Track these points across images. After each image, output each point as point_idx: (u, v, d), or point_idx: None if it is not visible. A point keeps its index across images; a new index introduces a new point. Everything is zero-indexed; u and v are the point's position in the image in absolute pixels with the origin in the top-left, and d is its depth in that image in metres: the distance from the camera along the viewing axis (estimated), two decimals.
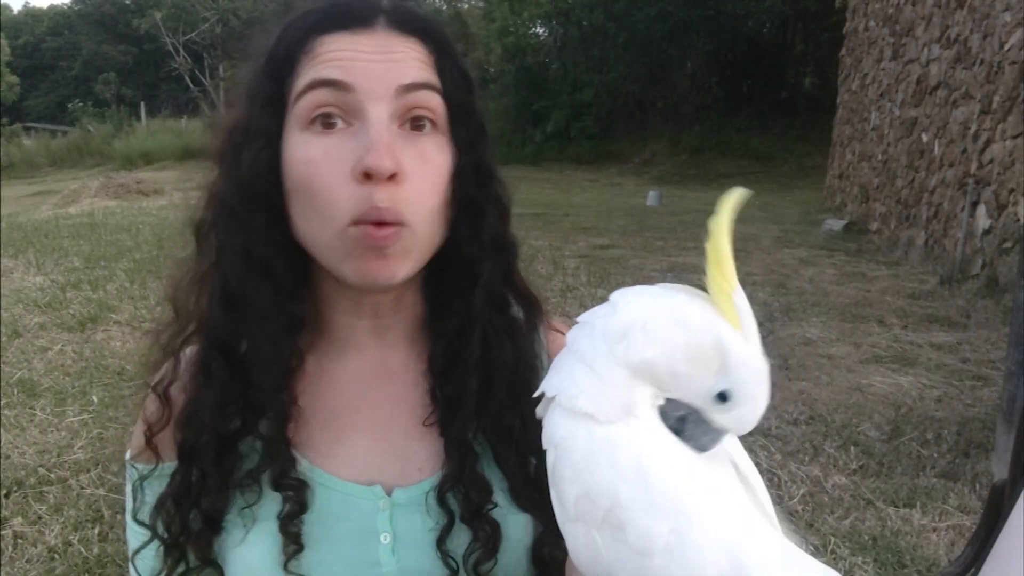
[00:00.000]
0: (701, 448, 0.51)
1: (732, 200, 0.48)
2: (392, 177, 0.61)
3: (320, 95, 0.62)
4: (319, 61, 0.63)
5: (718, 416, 0.50)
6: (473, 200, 0.67)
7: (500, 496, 0.68)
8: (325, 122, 0.62)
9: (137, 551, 0.70)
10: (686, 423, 0.51)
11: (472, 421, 0.69)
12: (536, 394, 0.53)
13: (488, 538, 0.66)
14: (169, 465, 0.68)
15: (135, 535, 0.70)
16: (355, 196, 0.61)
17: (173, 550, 0.67)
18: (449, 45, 0.68)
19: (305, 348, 0.70)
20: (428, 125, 0.65)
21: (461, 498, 0.67)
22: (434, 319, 0.72)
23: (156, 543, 0.68)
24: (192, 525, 0.66)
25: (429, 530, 0.67)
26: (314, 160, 0.62)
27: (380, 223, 0.61)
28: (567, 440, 0.50)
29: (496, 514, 0.67)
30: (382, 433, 0.71)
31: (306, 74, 0.63)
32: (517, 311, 0.73)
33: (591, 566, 0.49)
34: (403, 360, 0.73)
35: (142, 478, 0.70)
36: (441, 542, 0.67)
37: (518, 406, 0.67)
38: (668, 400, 0.51)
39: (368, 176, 0.60)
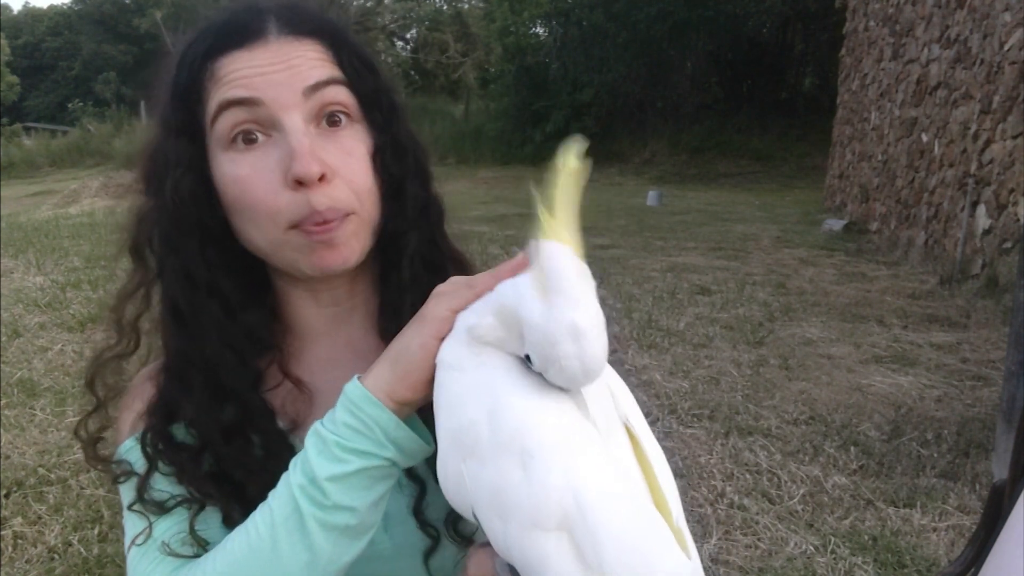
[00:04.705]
0: (560, 385, 0.52)
1: (574, 149, 0.50)
2: (322, 178, 0.64)
3: (233, 115, 0.64)
4: (223, 84, 0.64)
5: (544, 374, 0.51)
6: (393, 176, 0.71)
7: None
8: (246, 138, 0.65)
9: (165, 501, 0.68)
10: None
11: None
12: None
13: None
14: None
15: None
16: (293, 203, 0.64)
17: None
18: (344, 36, 0.69)
19: (280, 343, 0.73)
20: (343, 119, 0.67)
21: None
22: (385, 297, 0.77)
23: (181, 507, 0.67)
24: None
25: (410, 503, 0.70)
26: (245, 176, 0.65)
27: (325, 222, 0.64)
28: (443, 381, 0.55)
29: None
30: None
31: (214, 98, 0.65)
32: (451, 272, 0.76)
33: (457, 496, 0.53)
34: (371, 343, 0.76)
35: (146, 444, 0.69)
36: (418, 511, 0.69)
37: None
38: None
39: (299, 183, 0.63)
